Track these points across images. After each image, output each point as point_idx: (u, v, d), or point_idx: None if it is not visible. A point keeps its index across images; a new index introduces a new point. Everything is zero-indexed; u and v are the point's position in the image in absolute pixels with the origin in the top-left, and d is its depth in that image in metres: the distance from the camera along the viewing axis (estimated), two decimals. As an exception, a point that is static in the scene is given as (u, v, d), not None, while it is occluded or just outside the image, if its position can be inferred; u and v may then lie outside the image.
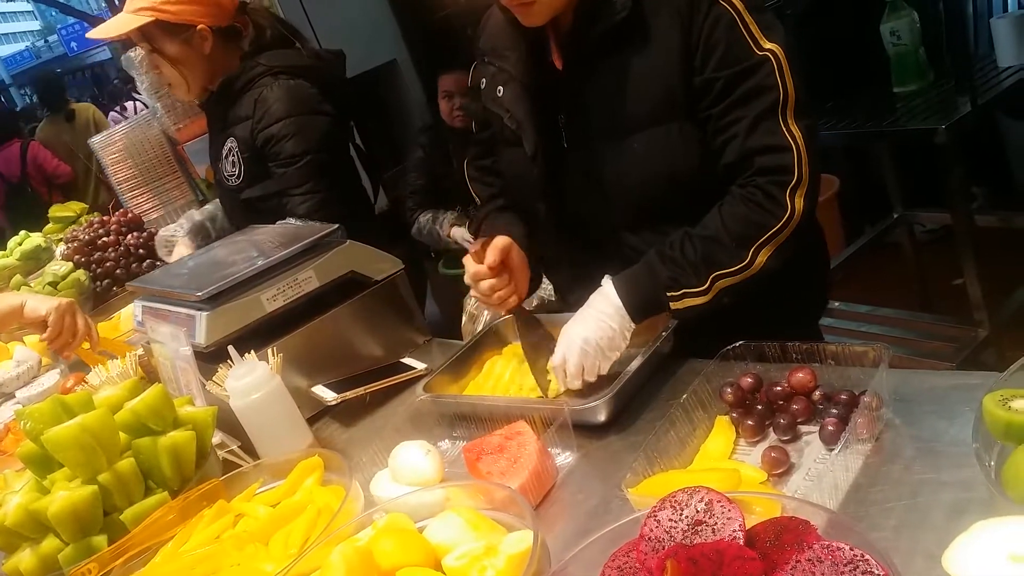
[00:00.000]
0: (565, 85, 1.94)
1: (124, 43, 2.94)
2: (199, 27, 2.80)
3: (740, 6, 1.74)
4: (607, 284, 1.83)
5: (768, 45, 1.73)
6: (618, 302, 1.79)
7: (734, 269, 1.75)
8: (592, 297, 1.84)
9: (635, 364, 1.72)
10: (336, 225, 2.25)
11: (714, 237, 1.77)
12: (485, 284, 2.00)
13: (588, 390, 1.77)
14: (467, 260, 2.03)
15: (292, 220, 2.69)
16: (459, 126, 4.68)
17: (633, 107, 1.85)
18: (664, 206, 1.87)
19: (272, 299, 2.10)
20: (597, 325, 1.78)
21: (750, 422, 1.48)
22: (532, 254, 2.10)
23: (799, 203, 1.73)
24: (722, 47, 1.74)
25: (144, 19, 2.77)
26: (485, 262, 1.97)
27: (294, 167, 2.75)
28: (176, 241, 3.30)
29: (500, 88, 2.04)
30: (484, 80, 2.10)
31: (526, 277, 2.07)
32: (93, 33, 2.99)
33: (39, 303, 2.53)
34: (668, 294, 1.78)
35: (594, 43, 1.85)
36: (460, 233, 4.37)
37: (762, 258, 1.74)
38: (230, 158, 2.94)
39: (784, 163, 1.73)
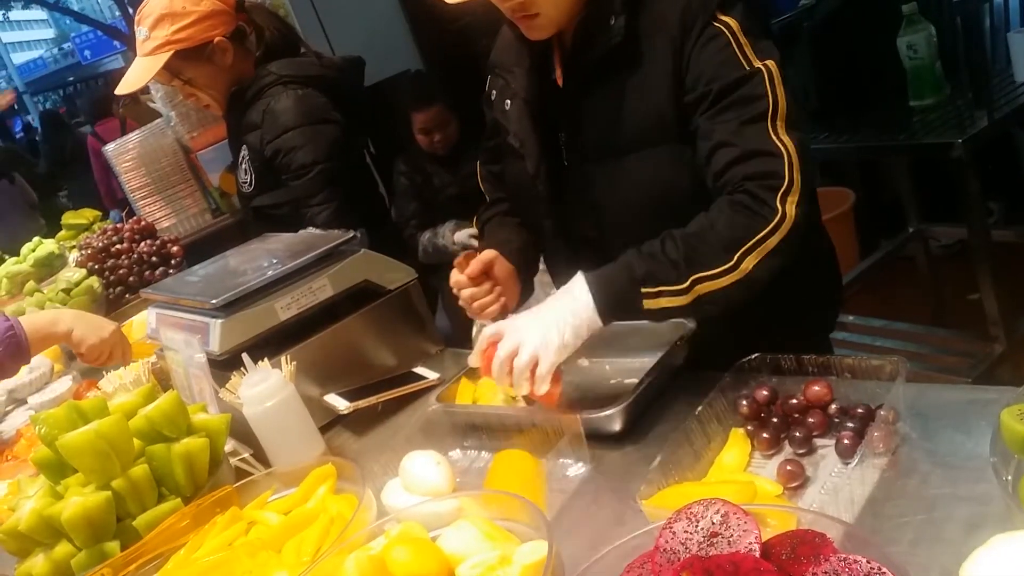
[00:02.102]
0: (565, 103, 1.95)
1: (137, 52, 2.94)
2: (217, 41, 2.81)
3: (735, 27, 1.73)
4: (578, 278, 1.70)
5: (762, 62, 1.71)
6: (586, 296, 1.66)
7: (716, 272, 1.63)
8: (560, 291, 1.73)
9: (650, 374, 1.72)
10: (351, 234, 2.25)
11: (698, 235, 1.67)
12: (466, 293, 2.03)
13: (600, 401, 1.76)
14: (454, 270, 2.06)
15: (312, 229, 2.69)
16: (443, 152, 4.68)
17: (626, 128, 1.84)
18: (659, 227, 1.77)
19: (286, 307, 2.10)
20: (555, 319, 1.66)
21: (765, 435, 1.47)
22: (528, 263, 2.13)
23: (791, 209, 1.64)
24: (713, 64, 1.73)
25: (165, 55, 2.76)
26: (465, 272, 2.00)
27: (307, 177, 2.75)
28: None
29: (507, 102, 2.04)
30: (495, 92, 2.12)
31: (514, 289, 2.08)
32: (121, 89, 2.96)
33: (86, 333, 2.54)
34: (643, 290, 1.64)
35: (591, 65, 1.86)
36: (464, 236, 4.34)
37: (748, 264, 1.63)
38: (243, 165, 2.95)
39: (773, 168, 1.66)
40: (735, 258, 1.63)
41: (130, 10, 17.61)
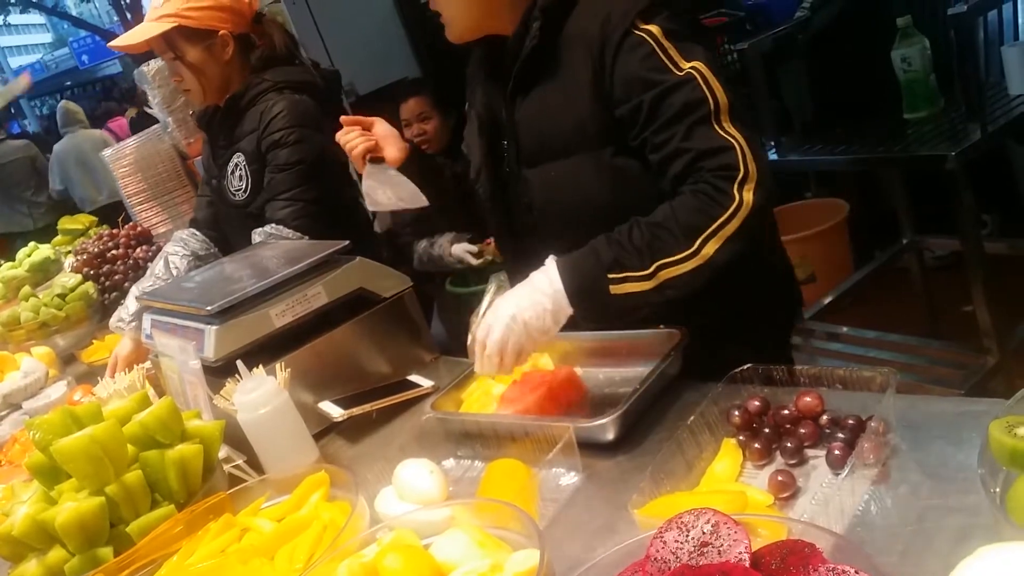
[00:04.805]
0: (507, 114, 2.07)
1: (135, 58, 2.98)
2: (221, 33, 2.84)
3: (658, 33, 1.80)
4: (550, 263, 1.81)
5: (688, 65, 1.78)
6: (558, 282, 1.77)
7: (679, 257, 1.73)
8: (533, 274, 1.82)
9: (643, 384, 1.72)
10: (346, 242, 2.26)
11: (661, 224, 1.76)
12: (339, 134, 2.28)
13: (595, 410, 1.77)
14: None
15: (271, 227, 2.71)
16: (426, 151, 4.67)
17: (550, 136, 1.97)
18: (585, 233, 1.85)
19: (281, 314, 2.10)
20: (530, 302, 1.76)
21: (757, 445, 1.48)
22: (428, 163, 2.37)
23: (747, 196, 1.72)
24: (641, 74, 1.80)
25: (167, 25, 2.80)
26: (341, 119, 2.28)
27: (283, 173, 2.78)
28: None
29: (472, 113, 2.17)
30: (468, 104, 2.24)
31: (394, 144, 2.26)
32: (116, 43, 3.02)
33: None
34: (609, 276, 1.75)
35: (519, 73, 1.98)
36: (461, 249, 4.34)
37: (709, 249, 1.72)
38: (236, 173, 2.96)
39: (728, 160, 1.74)
40: (696, 244, 1.72)
41: (128, 15, 17.65)
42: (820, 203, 5.27)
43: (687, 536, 1.05)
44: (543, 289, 1.77)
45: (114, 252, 3.93)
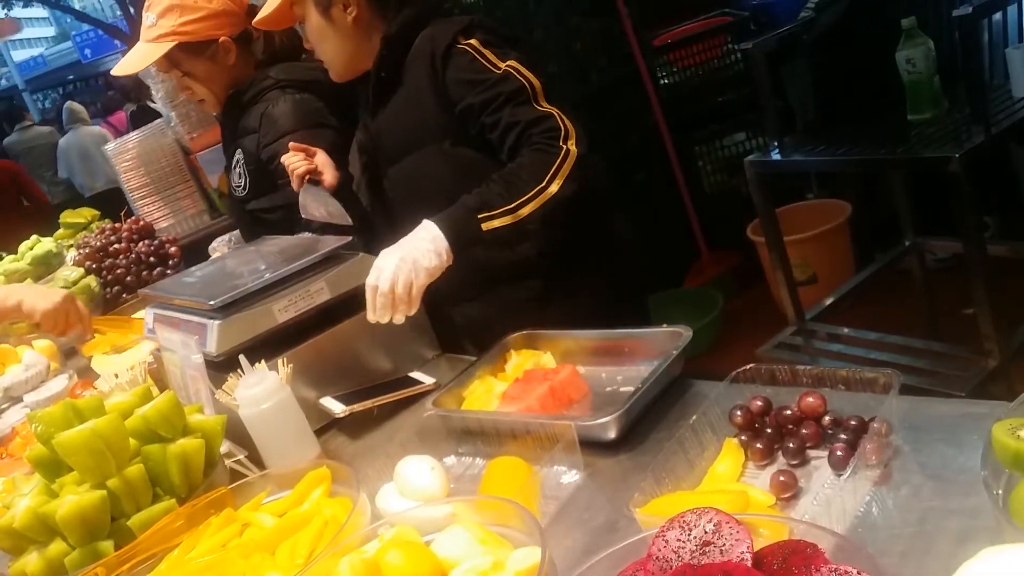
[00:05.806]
0: (372, 127, 2.55)
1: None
2: (221, 40, 2.82)
3: (476, 43, 2.27)
4: (424, 221, 2.10)
5: (505, 64, 2.23)
6: (435, 230, 2.06)
7: (532, 193, 2.11)
8: (412, 232, 2.10)
9: (645, 383, 1.72)
10: (349, 238, 2.26)
11: (513, 172, 2.15)
12: (286, 156, 2.61)
13: (597, 408, 1.77)
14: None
15: (307, 236, 2.70)
16: None
17: (401, 137, 2.45)
18: (433, 212, 2.15)
19: (284, 310, 2.11)
20: (413, 247, 2.04)
21: (759, 445, 1.48)
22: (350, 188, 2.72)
23: (572, 147, 2.15)
24: (467, 76, 2.26)
25: (167, 45, 2.78)
26: (288, 144, 2.61)
27: None
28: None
29: None
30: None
31: (330, 172, 2.62)
32: (118, 70, 2.99)
33: (36, 301, 2.59)
34: (479, 216, 2.09)
35: (376, 90, 2.46)
36: None
37: (554, 187, 2.12)
38: (237, 169, 2.96)
39: (551, 125, 2.17)
40: (544, 182, 2.12)
41: (131, 10, 17.58)
42: (822, 204, 5.27)
43: (689, 535, 1.05)
44: (423, 237, 2.06)
45: (116, 246, 3.92)
